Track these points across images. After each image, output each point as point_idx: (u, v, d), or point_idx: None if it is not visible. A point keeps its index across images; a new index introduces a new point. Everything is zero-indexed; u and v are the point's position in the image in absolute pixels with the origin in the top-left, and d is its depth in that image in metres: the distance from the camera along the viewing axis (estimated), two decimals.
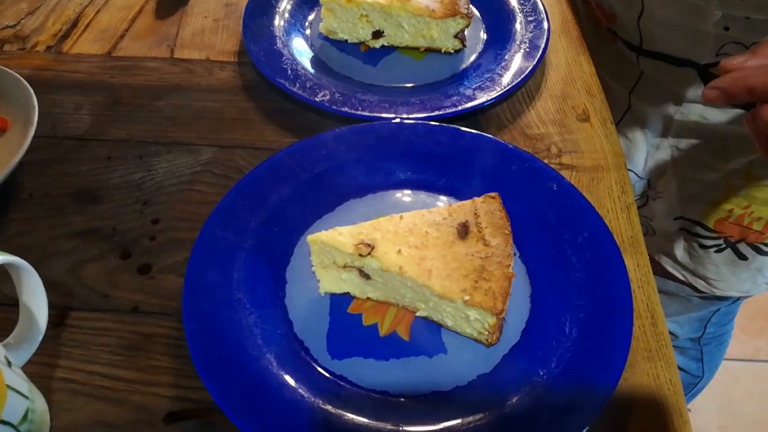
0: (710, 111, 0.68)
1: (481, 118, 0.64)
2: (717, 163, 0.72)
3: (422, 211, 0.50)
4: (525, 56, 0.67)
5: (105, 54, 0.71)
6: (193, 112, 0.65)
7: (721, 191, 0.73)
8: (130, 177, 0.59)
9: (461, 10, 0.66)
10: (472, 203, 0.50)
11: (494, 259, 0.46)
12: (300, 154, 0.57)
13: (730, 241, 0.78)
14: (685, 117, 0.71)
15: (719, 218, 0.76)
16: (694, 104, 0.69)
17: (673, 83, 0.69)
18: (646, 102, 0.74)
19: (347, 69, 0.68)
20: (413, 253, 0.46)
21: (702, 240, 0.79)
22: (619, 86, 0.77)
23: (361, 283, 0.48)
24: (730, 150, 0.70)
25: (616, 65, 0.76)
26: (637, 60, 0.72)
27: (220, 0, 0.78)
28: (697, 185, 0.75)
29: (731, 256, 0.79)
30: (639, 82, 0.74)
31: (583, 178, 0.59)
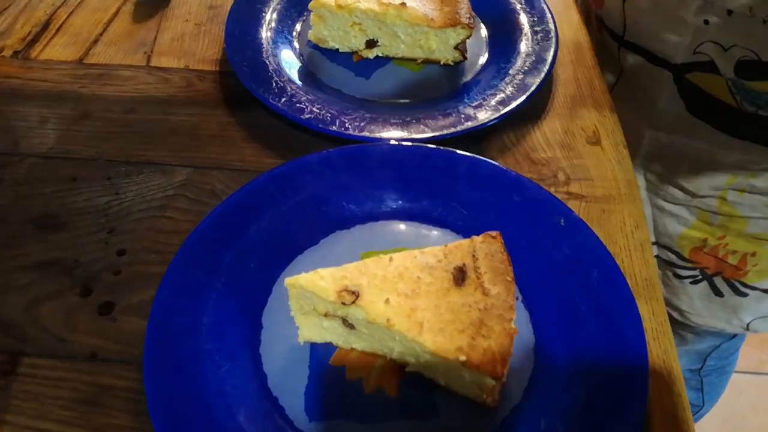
0: (682, 122, 0.65)
1: (482, 138, 0.59)
2: (688, 187, 0.68)
3: (414, 251, 0.44)
4: (531, 70, 0.61)
5: (76, 61, 0.65)
6: (168, 127, 0.59)
7: (694, 217, 0.70)
8: (97, 201, 0.54)
9: (462, 19, 0.61)
10: (470, 243, 0.45)
11: (494, 312, 0.41)
12: (281, 180, 0.52)
13: (706, 273, 0.74)
14: (656, 124, 0.67)
15: (694, 247, 0.72)
16: (666, 111, 0.66)
17: (649, 85, 0.66)
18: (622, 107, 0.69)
19: (338, 81, 0.63)
20: (403, 303, 0.41)
21: (677, 270, 0.76)
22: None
23: (345, 332, 0.43)
24: (701, 175, 0.67)
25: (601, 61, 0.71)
26: (618, 53, 0.68)
27: (203, 2, 0.72)
28: (672, 208, 0.72)
29: (707, 289, 0.75)
30: (618, 81, 0.71)
31: (593, 209, 0.54)
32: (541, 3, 0.67)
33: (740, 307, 0.75)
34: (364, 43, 0.64)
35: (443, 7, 0.62)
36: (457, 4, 0.62)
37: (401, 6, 0.61)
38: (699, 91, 0.62)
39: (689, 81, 0.62)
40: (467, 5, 0.62)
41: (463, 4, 0.62)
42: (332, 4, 0.61)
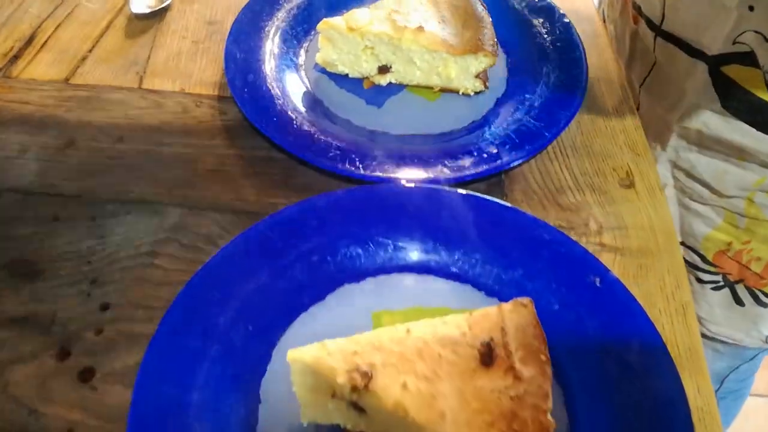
0: (714, 119, 0.61)
1: (505, 177, 0.54)
2: (716, 188, 0.65)
3: (435, 321, 0.39)
4: (558, 102, 0.56)
5: (62, 81, 0.60)
6: (161, 160, 0.54)
7: (721, 219, 0.67)
8: (79, 245, 0.48)
9: (486, 46, 0.56)
10: (498, 312, 0.39)
11: (528, 400, 0.35)
12: (284, 226, 0.47)
13: (728, 280, 0.71)
14: (685, 122, 0.64)
15: (718, 251, 0.69)
16: (698, 107, 0.62)
17: (682, 78, 0.62)
18: (652, 100, 0.68)
19: (347, 110, 0.58)
20: (422, 388, 0.36)
21: (699, 273, 0.73)
22: (633, 80, 0.71)
23: (354, 415, 0.38)
24: (730, 174, 0.63)
25: (634, 53, 0.70)
26: (653, 43, 0.65)
27: (201, 16, 0.67)
28: (700, 206, 0.68)
29: (728, 297, 0.73)
30: (651, 73, 0.67)
31: (629, 265, 0.48)
32: (569, 28, 0.61)
33: (760, 318, 0.73)
34: (377, 68, 0.59)
35: (464, 31, 0.57)
36: (479, 29, 0.57)
37: (418, 30, 0.56)
38: (734, 84, 0.58)
39: (724, 74, 0.59)
40: (491, 30, 0.57)
41: (487, 29, 0.57)
42: (342, 27, 0.56)
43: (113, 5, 0.67)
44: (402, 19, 0.56)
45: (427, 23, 0.57)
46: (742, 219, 0.66)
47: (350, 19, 0.56)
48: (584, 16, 0.68)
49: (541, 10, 0.64)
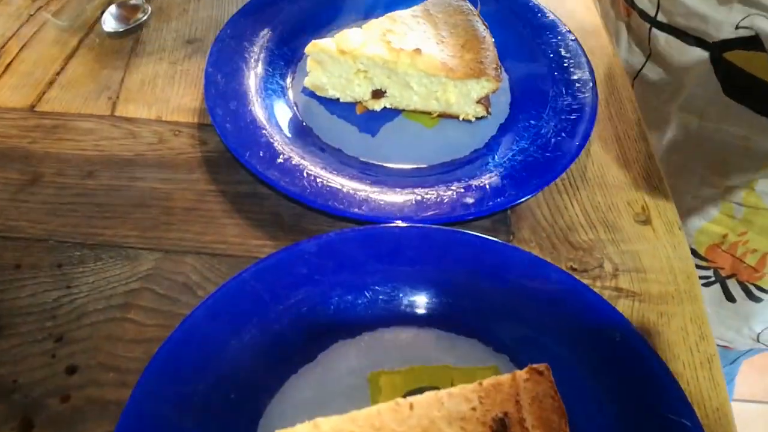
0: (715, 106, 0.60)
1: (511, 213, 0.50)
2: (714, 177, 0.64)
3: (440, 393, 0.35)
4: (566, 129, 0.52)
5: (27, 108, 0.55)
6: (135, 197, 0.49)
7: (717, 210, 0.66)
8: (44, 297, 0.44)
9: (488, 70, 0.51)
10: (511, 382, 0.35)
11: None
12: (270, 276, 0.42)
13: (720, 275, 0.70)
14: (684, 111, 0.63)
15: (712, 244, 0.68)
16: (698, 95, 0.61)
17: (681, 68, 0.61)
18: (648, 90, 0.67)
19: (338, 139, 0.53)
20: None
21: None
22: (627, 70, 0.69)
23: None
24: (731, 164, 0.62)
25: (627, 44, 0.69)
26: (648, 35, 0.63)
27: (179, 35, 0.62)
28: (692, 201, 0.67)
29: (719, 293, 0.71)
30: (645, 65, 0.66)
31: (648, 313, 0.44)
32: (576, 47, 0.57)
33: (752, 314, 0.71)
34: (370, 92, 0.54)
35: (464, 53, 0.53)
36: (481, 51, 0.52)
37: (415, 52, 0.51)
38: (738, 71, 0.58)
39: (727, 60, 0.58)
40: (493, 52, 0.53)
41: (489, 51, 0.52)
42: (333, 49, 0.52)
43: (84, 23, 0.62)
44: (397, 40, 0.52)
45: (424, 45, 0.52)
46: (739, 209, 0.64)
47: (341, 41, 0.52)
48: (590, 31, 0.64)
49: (544, 27, 0.60)
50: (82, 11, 0.64)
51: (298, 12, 0.60)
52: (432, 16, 0.55)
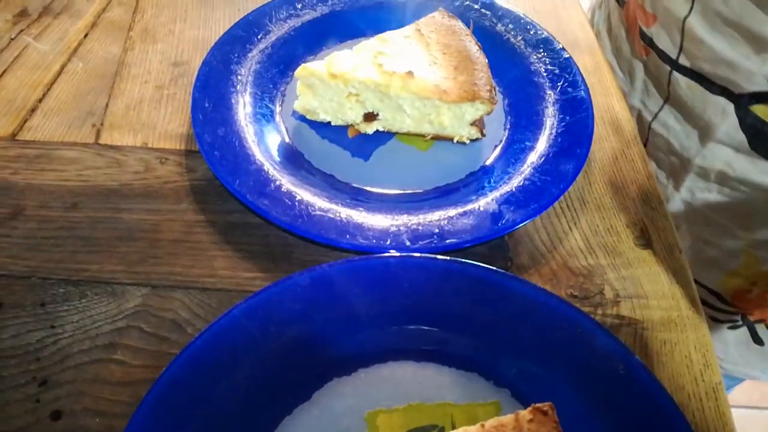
0: (740, 160, 0.56)
1: (509, 240, 0.49)
2: (739, 230, 0.60)
3: None
4: (563, 150, 0.51)
5: (8, 137, 0.53)
6: (120, 229, 0.48)
7: (742, 263, 0.61)
8: (27, 337, 0.42)
9: (482, 93, 0.50)
10: (514, 423, 0.34)
11: None
12: (262, 312, 0.41)
13: (748, 319, 0.66)
14: (707, 162, 0.58)
15: (739, 290, 0.64)
16: (721, 146, 0.57)
17: (703, 115, 0.57)
18: (667, 133, 0.62)
19: (330, 164, 0.52)
20: None
21: (715, 313, 0.68)
22: (642, 112, 0.65)
23: None
24: (758, 217, 0.58)
25: (643, 85, 0.64)
26: (668, 78, 0.59)
27: (165, 57, 0.61)
28: (715, 250, 0.63)
29: (746, 336, 0.68)
30: (663, 107, 0.62)
31: (651, 341, 0.43)
32: (571, 65, 0.56)
33: None
34: (362, 115, 0.53)
35: (458, 75, 0.51)
36: (474, 73, 0.51)
37: (408, 75, 0.50)
38: (765, 125, 0.53)
39: (754, 114, 0.54)
40: (487, 73, 0.52)
41: (482, 72, 0.51)
42: (324, 73, 0.50)
43: (66, 46, 0.61)
44: (389, 63, 0.51)
45: (416, 67, 0.51)
46: (767, 261, 0.60)
47: (332, 64, 0.50)
48: (585, 48, 0.63)
49: (538, 45, 0.59)
50: (65, 34, 0.62)
51: (287, 34, 0.59)
52: (424, 36, 0.54)
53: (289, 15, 0.60)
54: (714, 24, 0.54)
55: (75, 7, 0.65)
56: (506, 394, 0.40)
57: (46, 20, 0.64)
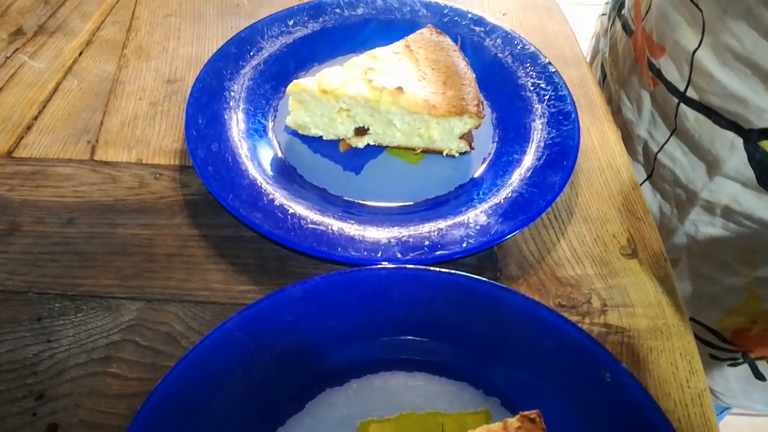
0: (747, 195, 0.56)
1: (498, 251, 0.49)
2: (741, 266, 0.59)
3: None
4: (550, 163, 0.52)
5: (4, 154, 0.54)
6: (116, 244, 0.48)
7: (743, 300, 0.61)
8: (23, 351, 0.43)
9: (470, 107, 0.51)
10: (503, 431, 0.35)
11: None
12: (255, 324, 0.42)
13: (748, 357, 0.66)
14: (713, 196, 0.58)
15: (738, 329, 0.64)
16: (728, 181, 0.56)
17: (710, 149, 0.56)
18: (673, 165, 0.61)
19: (322, 178, 0.53)
20: None
21: (715, 351, 0.67)
22: (649, 142, 0.64)
23: None
24: (761, 254, 0.57)
25: (650, 115, 0.63)
26: (676, 110, 0.59)
27: (159, 75, 0.62)
28: (715, 287, 0.63)
29: (747, 372, 0.68)
30: (670, 139, 0.61)
31: (638, 349, 0.44)
32: (557, 80, 0.58)
33: None
34: (353, 130, 0.54)
35: (446, 90, 0.53)
36: (462, 87, 0.52)
37: (397, 91, 0.51)
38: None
39: (764, 150, 0.53)
40: (474, 88, 0.53)
41: (470, 87, 0.53)
42: (315, 89, 0.51)
43: (61, 64, 0.62)
44: (379, 78, 0.52)
45: (406, 82, 0.52)
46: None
47: (323, 80, 0.51)
48: (571, 62, 0.64)
49: (525, 59, 0.60)
50: (60, 52, 0.63)
51: (279, 50, 0.60)
52: (413, 52, 0.55)
53: (280, 32, 0.62)
54: (724, 59, 0.53)
55: (69, 25, 0.66)
56: (496, 403, 0.41)
57: (42, 39, 0.65)
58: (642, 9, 0.63)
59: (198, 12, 0.68)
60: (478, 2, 0.71)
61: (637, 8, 0.64)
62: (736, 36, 0.51)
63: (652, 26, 0.61)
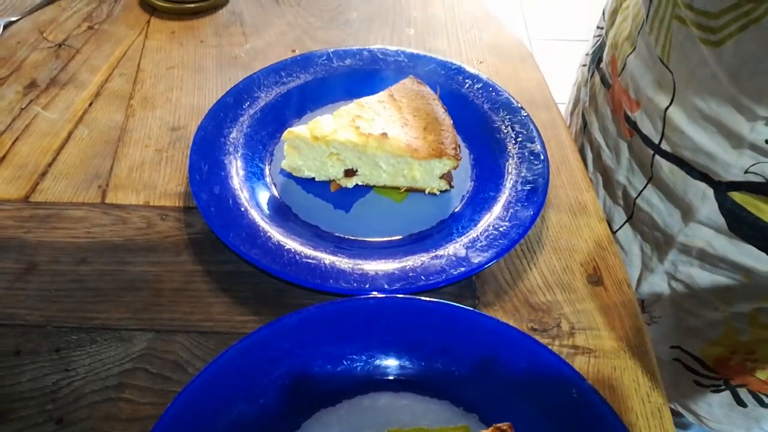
0: (720, 240, 0.59)
1: (476, 280, 0.54)
2: (719, 303, 0.63)
3: None
4: (522, 199, 0.57)
5: (21, 199, 0.59)
6: (126, 280, 0.53)
7: (722, 332, 0.65)
8: (43, 380, 0.47)
9: (448, 150, 0.57)
10: None
11: None
12: (255, 351, 0.46)
13: (730, 384, 0.69)
14: (689, 240, 0.62)
15: (720, 358, 0.67)
16: (702, 227, 0.60)
17: (684, 197, 0.60)
18: (651, 210, 0.65)
19: (315, 216, 0.58)
20: None
21: (699, 378, 0.71)
22: (627, 187, 0.68)
23: None
24: (736, 292, 0.61)
25: (628, 163, 0.67)
26: (651, 160, 0.63)
27: (164, 123, 0.67)
28: (697, 320, 0.66)
29: (729, 399, 0.71)
30: (647, 186, 0.65)
31: (603, 367, 0.49)
32: (528, 122, 0.63)
33: (763, 417, 0.71)
34: (343, 172, 0.59)
35: (427, 135, 0.58)
36: (441, 133, 0.58)
37: (382, 137, 0.56)
38: (744, 211, 0.56)
39: (733, 200, 0.57)
40: (452, 133, 0.58)
41: (448, 132, 0.58)
42: (307, 136, 0.57)
43: (72, 115, 0.67)
44: (366, 125, 0.57)
45: (390, 128, 0.58)
46: (746, 332, 0.63)
47: (315, 128, 0.57)
48: (542, 105, 0.70)
49: (499, 104, 0.65)
50: (71, 104, 0.68)
51: (274, 100, 0.65)
52: (396, 101, 0.61)
53: (275, 82, 0.67)
54: (694, 117, 0.56)
55: (79, 78, 0.71)
56: (475, 419, 0.45)
57: (54, 91, 0.70)
58: (618, 65, 0.67)
59: (198, 64, 0.74)
60: (456, 51, 0.77)
61: (613, 64, 0.69)
62: (702, 98, 0.55)
63: (627, 82, 0.65)
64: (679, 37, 0.55)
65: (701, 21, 0.51)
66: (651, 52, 0.59)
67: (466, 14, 0.83)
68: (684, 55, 0.55)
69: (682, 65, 0.56)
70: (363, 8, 0.83)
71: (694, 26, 0.52)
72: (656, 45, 0.58)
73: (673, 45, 0.56)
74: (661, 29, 0.57)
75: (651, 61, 0.60)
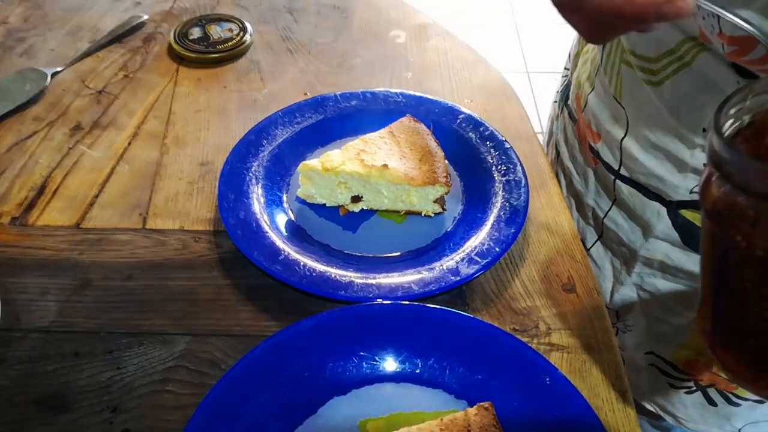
0: (676, 252, 0.67)
1: (465, 289, 0.63)
2: (682, 309, 0.71)
3: (412, 429, 0.47)
4: (506, 219, 0.66)
5: (73, 226, 0.68)
6: (166, 293, 0.62)
7: (688, 336, 0.72)
8: (99, 377, 0.55)
9: (440, 178, 0.66)
10: (464, 417, 0.47)
11: None
12: (278, 350, 0.55)
13: (700, 384, 0.76)
14: (649, 253, 0.70)
15: (689, 360, 0.74)
16: (659, 242, 0.68)
17: (643, 215, 0.69)
18: (617, 228, 0.73)
19: (326, 236, 0.67)
20: None
21: (672, 380, 0.78)
22: (596, 209, 0.76)
23: None
24: (694, 299, 0.67)
25: (595, 188, 0.76)
26: (613, 184, 0.71)
27: (195, 158, 0.76)
28: (666, 326, 0.74)
29: (701, 399, 0.78)
30: (612, 206, 0.73)
31: (575, 361, 0.57)
32: (511, 154, 0.72)
33: (733, 414, 0.77)
34: (350, 198, 0.69)
35: (422, 166, 0.67)
36: (434, 164, 0.67)
37: (383, 168, 0.66)
38: (693, 226, 0.64)
39: (683, 216, 0.64)
40: (443, 163, 0.68)
41: (440, 163, 0.67)
42: (319, 168, 0.66)
43: (114, 153, 0.77)
44: (369, 158, 0.67)
45: (390, 160, 0.67)
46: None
47: (325, 161, 0.66)
48: (524, 138, 0.79)
49: (486, 137, 0.75)
50: (112, 143, 0.78)
51: (290, 137, 0.75)
52: (395, 136, 0.70)
53: (290, 122, 0.77)
54: (645, 146, 0.65)
55: (119, 121, 0.81)
56: (464, 404, 0.53)
57: (97, 132, 0.80)
58: (581, 102, 0.76)
59: (222, 108, 0.84)
60: (449, 91, 0.87)
61: (578, 102, 0.78)
62: (651, 129, 0.63)
63: (590, 117, 0.74)
64: (628, 79, 0.65)
65: (643, 65, 0.60)
66: (606, 91, 0.69)
67: (457, 58, 0.93)
68: (633, 93, 0.64)
69: (632, 102, 0.65)
70: (366, 55, 0.93)
71: (638, 69, 0.62)
72: (610, 85, 0.68)
73: (624, 85, 0.65)
74: (612, 72, 0.67)
75: (607, 99, 0.69)
